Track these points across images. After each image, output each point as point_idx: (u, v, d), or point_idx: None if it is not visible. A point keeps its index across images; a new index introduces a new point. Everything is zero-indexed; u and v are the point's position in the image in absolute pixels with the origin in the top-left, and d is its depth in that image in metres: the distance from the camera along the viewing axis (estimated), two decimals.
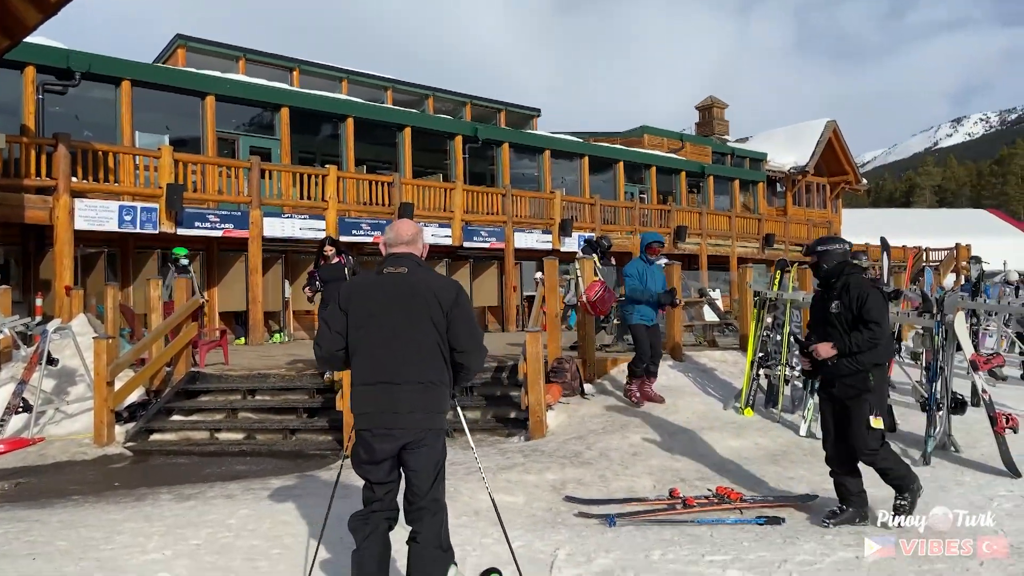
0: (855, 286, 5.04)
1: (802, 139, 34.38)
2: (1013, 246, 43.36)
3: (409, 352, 3.31)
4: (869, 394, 4.98)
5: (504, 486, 5.87)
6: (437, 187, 18.38)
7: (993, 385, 9.98)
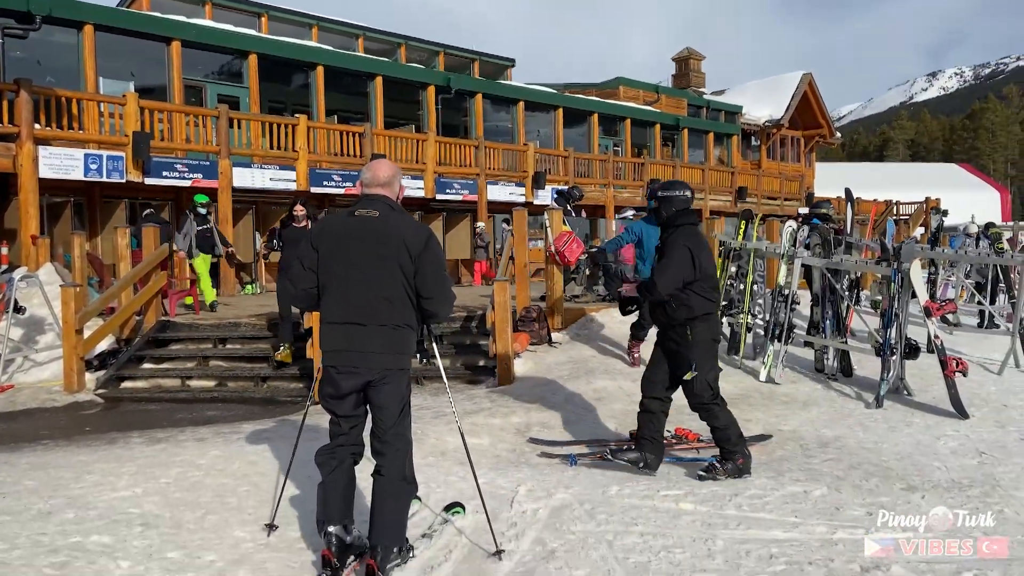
0: (672, 240, 4.91)
1: (778, 92, 34.42)
2: (982, 200, 44.18)
3: (376, 295, 3.38)
4: (687, 349, 4.88)
5: (470, 429, 6.02)
6: (409, 138, 18.23)
7: (949, 332, 10.32)
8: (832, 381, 7.79)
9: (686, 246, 4.85)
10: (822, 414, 6.70)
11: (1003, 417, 6.58)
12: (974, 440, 5.88)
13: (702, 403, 5.00)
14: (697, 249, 4.89)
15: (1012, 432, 6.13)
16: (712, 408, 5.00)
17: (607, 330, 9.44)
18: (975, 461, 5.37)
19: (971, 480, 4.92)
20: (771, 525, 4.12)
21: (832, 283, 7.95)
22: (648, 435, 5.06)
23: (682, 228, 4.95)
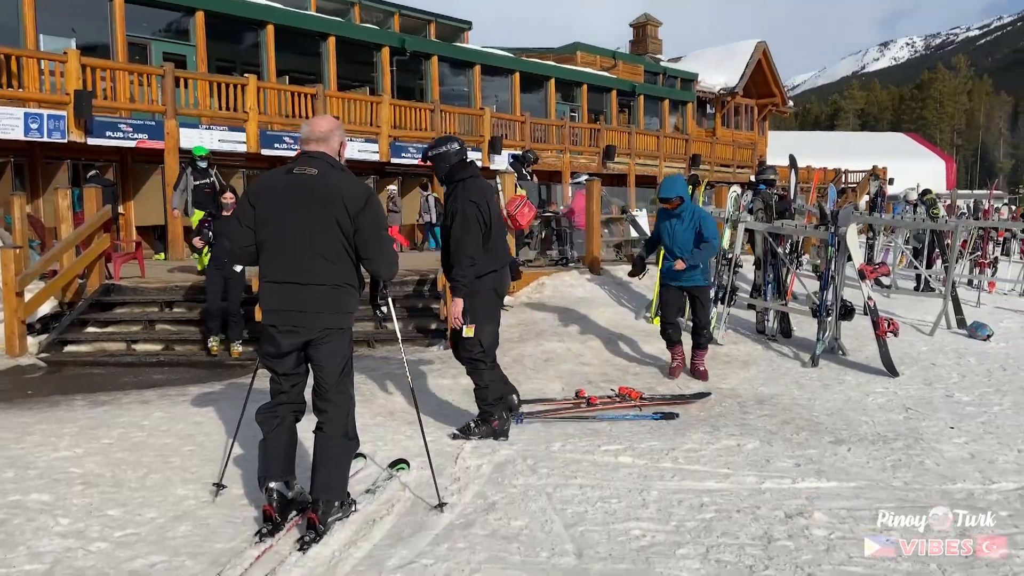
0: (458, 198, 4.78)
1: (733, 60, 34.63)
2: (928, 169, 45.35)
3: (315, 254, 3.36)
4: (468, 301, 4.81)
5: (419, 388, 6.09)
6: (363, 100, 17.96)
7: (887, 296, 10.70)
8: (772, 342, 8.05)
9: (473, 202, 4.76)
10: (760, 373, 6.94)
11: (931, 375, 6.91)
12: (901, 397, 6.17)
13: (470, 358, 4.94)
14: (482, 202, 4.79)
15: (938, 389, 6.44)
16: (478, 364, 4.94)
17: (558, 294, 9.57)
18: (901, 416, 5.65)
19: (896, 434, 5.18)
20: (704, 476, 4.30)
21: (774, 247, 8.16)
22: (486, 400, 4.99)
23: (462, 184, 4.83)
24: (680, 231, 6.60)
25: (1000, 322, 9.24)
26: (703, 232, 6.48)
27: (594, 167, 23.30)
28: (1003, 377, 6.75)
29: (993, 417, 5.52)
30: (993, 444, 4.91)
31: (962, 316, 9.09)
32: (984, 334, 8.38)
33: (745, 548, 3.33)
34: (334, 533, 3.37)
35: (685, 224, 6.56)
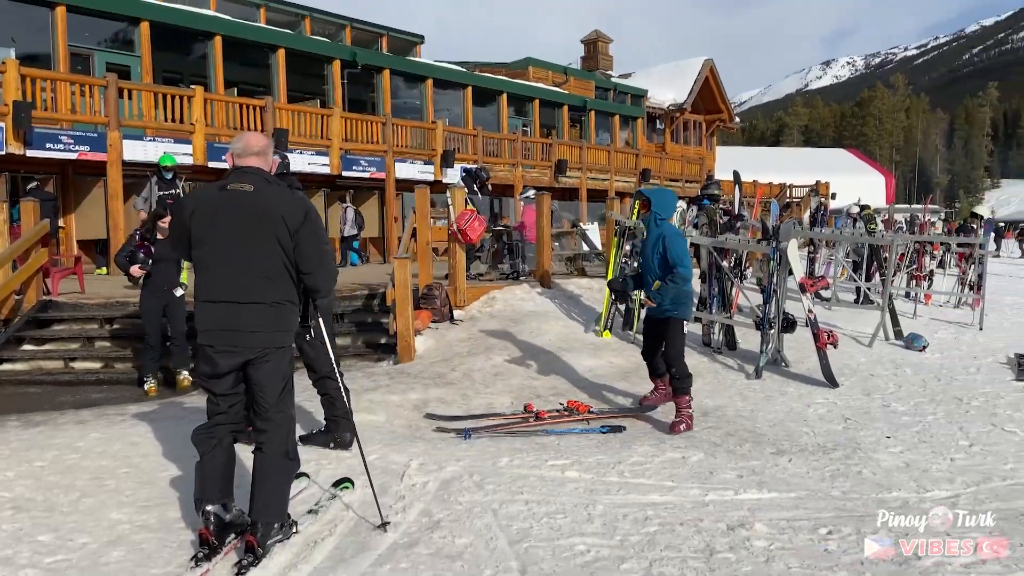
0: None
1: (681, 77, 35.33)
2: (869, 184, 46.85)
3: (253, 272, 3.31)
4: (309, 318, 4.76)
5: (367, 406, 6.04)
6: (314, 113, 17.79)
7: (829, 308, 10.99)
8: (718, 354, 8.19)
9: (299, 191, 4.80)
10: (706, 385, 7.05)
11: (869, 386, 7.11)
12: (841, 407, 6.33)
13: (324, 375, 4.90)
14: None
15: (876, 399, 6.63)
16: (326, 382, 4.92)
17: (509, 307, 9.59)
18: (840, 426, 5.79)
19: (835, 444, 5.31)
20: (649, 490, 4.35)
21: (718, 261, 8.32)
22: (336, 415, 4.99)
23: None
24: (647, 251, 5.93)
25: (935, 333, 9.55)
26: (668, 254, 5.63)
27: (546, 181, 23.46)
28: (937, 387, 6.98)
29: (927, 427, 5.71)
30: (927, 453, 5.06)
31: (899, 328, 9.38)
32: (920, 345, 8.66)
33: (687, 561, 3.37)
34: (274, 556, 3.31)
35: (650, 242, 5.87)
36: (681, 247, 5.72)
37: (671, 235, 5.77)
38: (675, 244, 5.69)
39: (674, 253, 5.63)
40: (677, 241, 5.74)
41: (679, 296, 5.70)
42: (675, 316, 5.74)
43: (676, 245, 5.68)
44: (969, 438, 5.38)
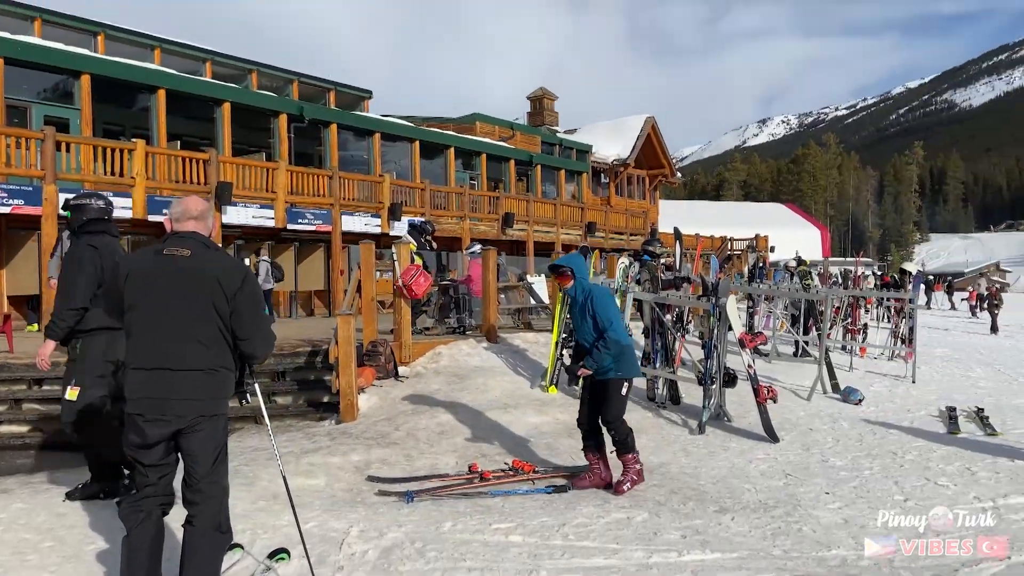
0: (79, 247, 4.87)
1: (624, 133, 36.29)
2: (805, 237, 48.47)
3: (188, 337, 3.25)
4: (73, 361, 4.86)
5: (306, 469, 5.90)
6: (259, 166, 17.68)
7: (769, 362, 11.22)
8: (662, 409, 8.26)
9: (93, 246, 4.84)
10: (651, 441, 7.08)
11: (808, 440, 7.23)
12: (781, 463, 6.42)
13: (72, 421, 4.78)
14: (106, 259, 4.77)
15: (815, 454, 6.74)
16: (72, 424, 4.79)
17: (455, 363, 9.53)
18: (781, 483, 5.87)
19: (776, 501, 5.37)
20: (593, 553, 4.31)
21: (661, 316, 8.46)
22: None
23: (89, 236, 4.91)
24: (576, 317, 5.65)
25: (871, 386, 9.83)
26: (597, 318, 5.42)
27: (493, 233, 23.65)
28: (873, 441, 7.14)
29: (864, 481, 5.82)
30: (864, 509, 5.15)
31: (836, 381, 9.62)
32: (856, 398, 8.88)
33: None
34: None
35: (578, 308, 5.59)
36: (609, 308, 5.49)
37: (598, 296, 5.52)
38: (603, 306, 5.45)
39: (603, 316, 5.40)
40: (604, 302, 5.50)
41: (620, 354, 5.49)
42: (616, 376, 5.51)
43: (604, 307, 5.45)
44: (904, 492, 5.50)
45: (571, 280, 5.64)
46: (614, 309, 5.58)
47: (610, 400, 5.54)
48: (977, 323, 24.12)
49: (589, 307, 5.49)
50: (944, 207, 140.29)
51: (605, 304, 5.50)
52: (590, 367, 5.48)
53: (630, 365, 5.66)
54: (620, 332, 5.47)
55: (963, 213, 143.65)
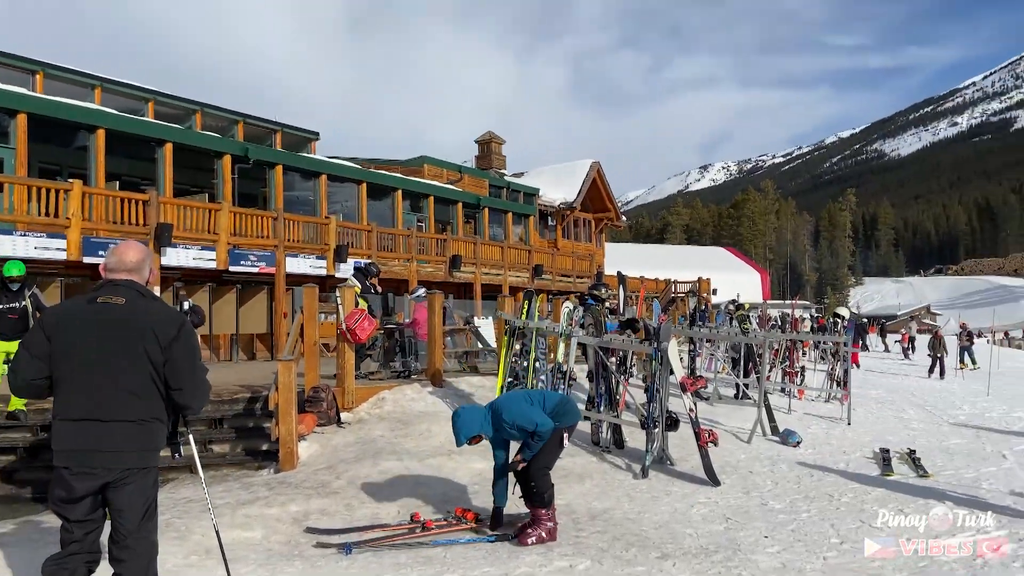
0: None
1: (571, 177, 36.93)
2: (746, 281, 49.67)
3: (120, 388, 3.17)
4: None
5: (242, 521, 5.73)
6: (201, 207, 17.39)
7: (711, 405, 11.39)
8: (606, 453, 8.29)
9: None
10: (595, 486, 7.09)
11: (748, 483, 7.34)
12: (722, 507, 6.49)
13: None
14: None
15: (755, 498, 6.84)
16: None
17: (399, 408, 9.43)
18: (722, 527, 5.92)
19: (716, 546, 5.41)
20: None
21: (604, 360, 8.54)
22: None
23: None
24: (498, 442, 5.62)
25: (808, 428, 10.05)
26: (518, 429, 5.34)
27: (441, 276, 23.64)
28: (811, 483, 7.29)
29: (802, 524, 5.92)
30: (802, 552, 5.24)
31: (775, 423, 9.82)
32: (794, 441, 9.07)
33: None
34: None
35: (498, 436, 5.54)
36: (525, 413, 5.35)
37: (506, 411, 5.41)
38: (520, 416, 5.35)
39: (525, 422, 5.31)
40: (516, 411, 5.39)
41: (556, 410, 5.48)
42: (557, 426, 5.45)
43: (520, 416, 5.34)
44: (840, 535, 5.61)
45: (480, 438, 5.52)
46: (523, 407, 5.43)
47: (544, 449, 5.46)
48: (909, 364, 24.97)
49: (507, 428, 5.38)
50: (876, 252, 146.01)
51: (519, 412, 5.37)
52: (527, 457, 5.42)
53: (569, 414, 5.66)
54: (545, 427, 5.33)
55: (894, 257, 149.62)
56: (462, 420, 5.54)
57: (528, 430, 5.34)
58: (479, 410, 5.70)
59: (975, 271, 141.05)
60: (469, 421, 5.51)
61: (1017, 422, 11.63)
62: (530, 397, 5.69)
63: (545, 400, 5.64)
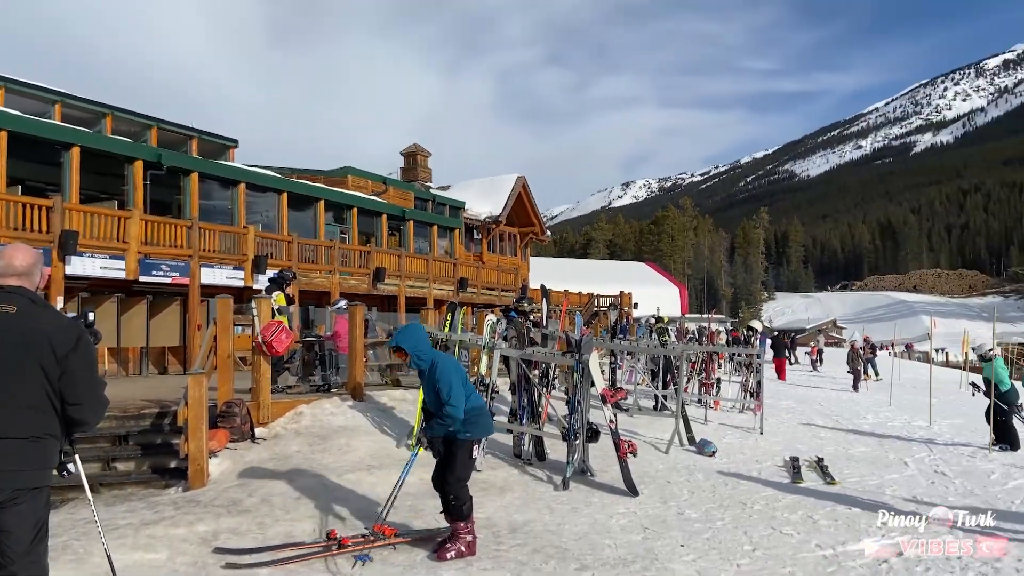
0: None
1: (497, 191, 37.09)
2: (666, 295, 50.82)
3: (12, 402, 2.97)
4: None
5: (146, 543, 5.45)
6: (110, 214, 16.63)
7: (631, 415, 11.56)
8: (528, 465, 8.29)
9: None
10: (516, 499, 7.07)
11: (666, 493, 7.46)
12: (640, 517, 6.57)
13: None
14: None
15: (672, 507, 6.95)
16: None
17: (317, 423, 9.19)
18: (640, 537, 5.99)
19: (634, 556, 5.47)
20: None
21: (527, 373, 8.56)
22: None
23: None
24: (425, 387, 5.55)
25: (723, 438, 10.32)
26: (439, 390, 5.32)
27: (364, 288, 23.31)
28: (725, 492, 7.47)
29: (716, 533, 6.05)
30: (717, 560, 5.34)
31: (692, 434, 10.04)
32: (710, 451, 9.29)
33: None
34: None
35: (425, 376, 5.48)
36: (450, 382, 5.31)
37: (440, 369, 5.37)
38: (444, 379, 5.30)
39: (444, 390, 5.28)
40: (446, 375, 5.33)
41: (468, 419, 5.38)
42: (465, 438, 5.41)
43: (445, 380, 5.30)
44: (752, 542, 5.76)
45: (407, 356, 5.44)
46: (456, 381, 5.38)
47: (456, 461, 5.43)
48: (817, 376, 26.01)
49: (433, 378, 5.37)
50: (787, 268, 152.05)
51: (446, 377, 5.34)
52: (428, 436, 5.44)
53: (479, 427, 5.57)
54: (458, 406, 5.31)
55: (804, 273, 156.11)
56: (415, 331, 5.57)
57: (443, 399, 5.29)
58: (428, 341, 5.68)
59: (878, 287, 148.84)
60: (417, 338, 5.49)
61: (917, 431, 12.25)
62: (464, 381, 5.61)
63: (470, 397, 5.58)
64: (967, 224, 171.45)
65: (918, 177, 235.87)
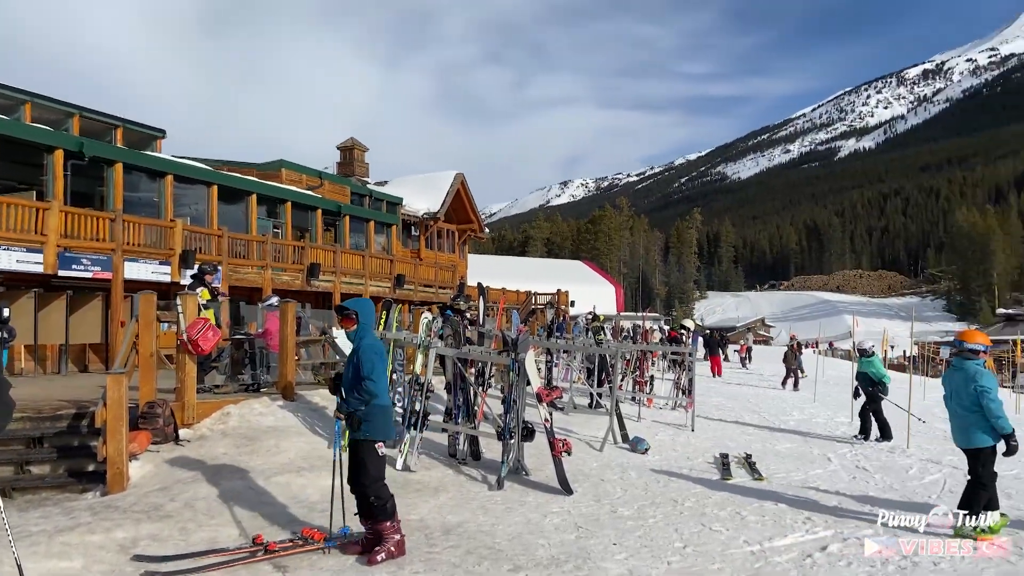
0: None
1: (435, 188, 36.83)
2: (601, 293, 51.43)
3: None
4: None
5: (60, 550, 5.19)
6: (26, 205, 15.81)
7: (566, 413, 11.62)
8: (463, 465, 8.23)
9: None
10: (450, 500, 7.01)
11: (600, 491, 7.51)
12: (574, 515, 6.59)
13: None
14: None
15: (605, 505, 7.00)
16: None
17: (245, 423, 8.94)
18: (573, 536, 6.00)
19: (568, 555, 5.47)
20: None
21: (462, 372, 8.50)
22: None
23: None
24: (347, 366, 5.52)
25: (656, 435, 10.46)
26: (361, 367, 5.30)
27: (298, 284, 22.83)
28: (657, 489, 7.56)
29: (648, 530, 6.11)
30: (648, 558, 5.39)
31: (625, 432, 10.14)
32: (643, 448, 9.40)
33: None
34: None
35: (351, 355, 5.49)
36: (373, 360, 5.32)
37: (369, 345, 5.40)
38: (368, 356, 5.32)
39: (366, 365, 5.27)
40: (371, 352, 5.35)
41: (370, 414, 5.32)
42: (366, 438, 5.36)
43: (368, 357, 5.31)
44: (683, 539, 5.84)
45: (355, 324, 5.46)
46: (380, 365, 5.39)
47: (365, 462, 5.39)
48: (746, 373, 26.70)
49: (356, 355, 5.38)
50: (719, 267, 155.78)
51: (372, 354, 5.35)
52: (342, 411, 5.38)
53: (381, 427, 5.47)
54: (378, 386, 5.29)
55: (734, 273, 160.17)
56: (370, 306, 5.74)
57: (363, 373, 5.26)
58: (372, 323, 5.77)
59: (804, 287, 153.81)
60: (369, 312, 5.65)
61: (839, 427, 12.68)
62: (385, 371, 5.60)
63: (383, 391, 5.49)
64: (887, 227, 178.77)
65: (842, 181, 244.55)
